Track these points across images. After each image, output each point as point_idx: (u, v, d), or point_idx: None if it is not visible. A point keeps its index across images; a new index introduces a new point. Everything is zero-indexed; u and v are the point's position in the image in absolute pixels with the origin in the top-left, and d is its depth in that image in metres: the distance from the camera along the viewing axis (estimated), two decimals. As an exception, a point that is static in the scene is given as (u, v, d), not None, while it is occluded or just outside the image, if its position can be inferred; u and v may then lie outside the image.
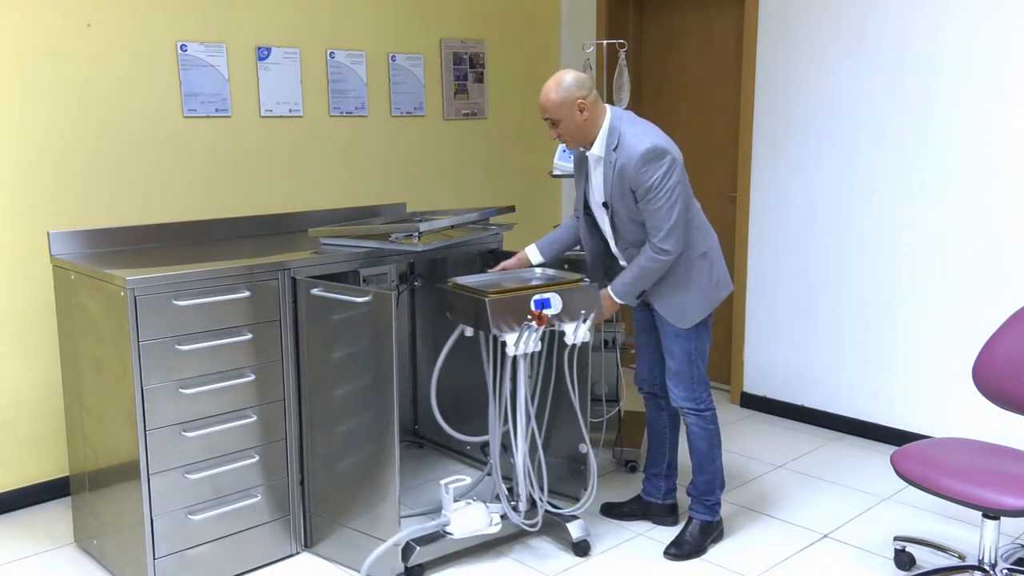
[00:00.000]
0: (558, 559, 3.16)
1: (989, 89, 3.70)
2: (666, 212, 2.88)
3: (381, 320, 2.84)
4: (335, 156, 4.42)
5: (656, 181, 2.85)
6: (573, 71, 2.92)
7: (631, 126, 2.93)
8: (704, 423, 3.16)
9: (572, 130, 2.93)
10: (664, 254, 2.92)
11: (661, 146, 2.86)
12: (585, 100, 2.88)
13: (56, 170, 3.58)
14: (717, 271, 3.10)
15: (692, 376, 3.13)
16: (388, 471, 2.90)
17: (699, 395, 3.15)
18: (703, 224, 3.10)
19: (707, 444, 3.17)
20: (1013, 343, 2.82)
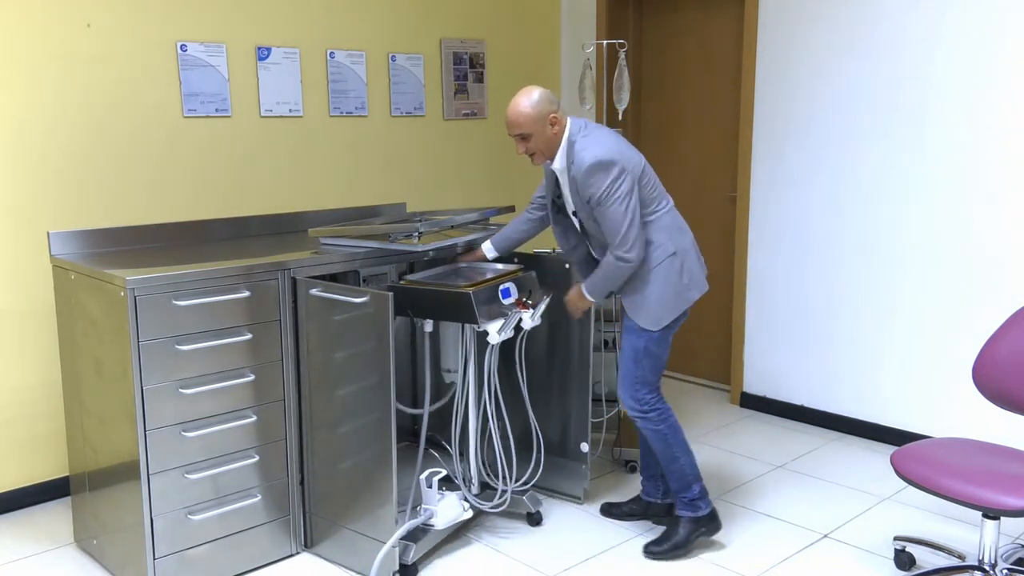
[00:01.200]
0: (561, 559, 3.16)
1: (985, 89, 3.70)
2: (619, 220, 2.88)
3: (379, 320, 2.84)
4: (335, 156, 4.42)
5: (604, 191, 2.87)
6: (538, 87, 2.95)
7: (584, 137, 2.94)
8: (651, 424, 3.10)
9: (542, 144, 2.96)
10: (624, 260, 2.92)
11: (606, 158, 2.86)
12: (556, 114, 2.93)
13: (56, 170, 3.58)
14: (688, 272, 3.08)
15: (635, 376, 3.08)
16: (386, 472, 2.91)
17: (641, 396, 3.09)
18: (672, 225, 3.06)
19: (662, 444, 3.12)
20: (1013, 343, 2.82)
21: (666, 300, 3.04)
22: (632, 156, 2.96)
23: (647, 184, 3.00)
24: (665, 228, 3.03)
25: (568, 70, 5.40)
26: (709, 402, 4.86)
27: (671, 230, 3.04)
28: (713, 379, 5.14)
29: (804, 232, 4.37)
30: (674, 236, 3.05)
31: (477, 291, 2.99)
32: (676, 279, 3.04)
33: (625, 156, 2.91)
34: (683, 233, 3.09)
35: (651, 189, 3.01)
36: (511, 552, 3.22)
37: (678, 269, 3.04)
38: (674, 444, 3.12)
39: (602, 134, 2.97)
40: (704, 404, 4.83)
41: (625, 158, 2.90)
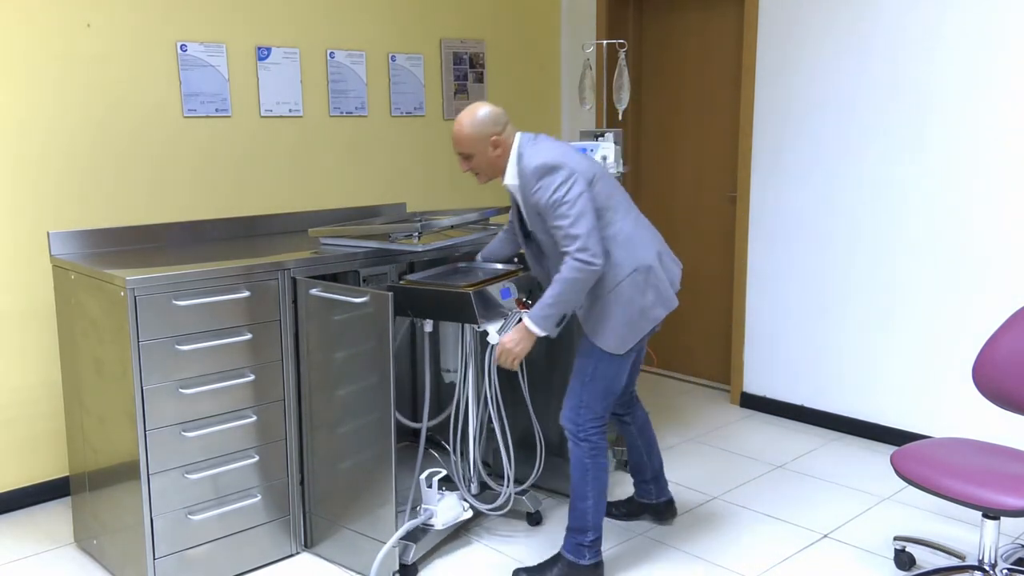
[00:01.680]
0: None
1: (985, 89, 3.70)
2: (574, 221, 2.65)
3: (379, 320, 2.84)
4: (335, 156, 4.43)
5: (552, 194, 2.67)
6: (487, 104, 2.84)
7: (531, 148, 2.78)
8: (579, 452, 2.89)
9: (484, 164, 2.85)
10: (585, 263, 2.65)
11: (550, 161, 2.70)
12: (499, 136, 2.81)
13: (56, 170, 3.58)
14: (653, 288, 2.83)
15: (580, 398, 2.87)
16: (386, 472, 2.90)
17: (580, 420, 2.88)
18: (632, 238, 2.82)
19: (580, 475, 2.89)
20: (1013, 343, 2.82)
21: (631, 321, 2.81)
22: (582, 162, 2.77)
23: (603, 192, 2.79)
24: (623, 243, 2.79)
25: (568, 70, 5.40)
26: (709, 402, 4.86)
27: (630, 244, 2.80)
28: (713, 379, 5.14)
29: (804, 232, 4.37)
30: (634, 251, 2.80)
31: (477, 291, 2.98)
32: (640, 298, 2.80)
33: (573, 161, 2.74)
34: (645, 245, 2.84)
35: (607, 198, 2.79)
36: (511, 552, 3.22)
37: (641, 287, 2.80)
38: (591, 484, 2.89)
39: (551, 143, 2.81)
40: (704, 404, 4.83)
41: (573, 162, 2.73)
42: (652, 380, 5.28)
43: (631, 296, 2.79)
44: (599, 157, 3.74)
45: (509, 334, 2.79)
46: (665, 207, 5.21)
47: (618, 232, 2.79)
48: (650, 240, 2.87)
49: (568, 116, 5.43)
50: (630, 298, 2.79)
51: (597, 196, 2.77)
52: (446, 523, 3.11)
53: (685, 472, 3.91)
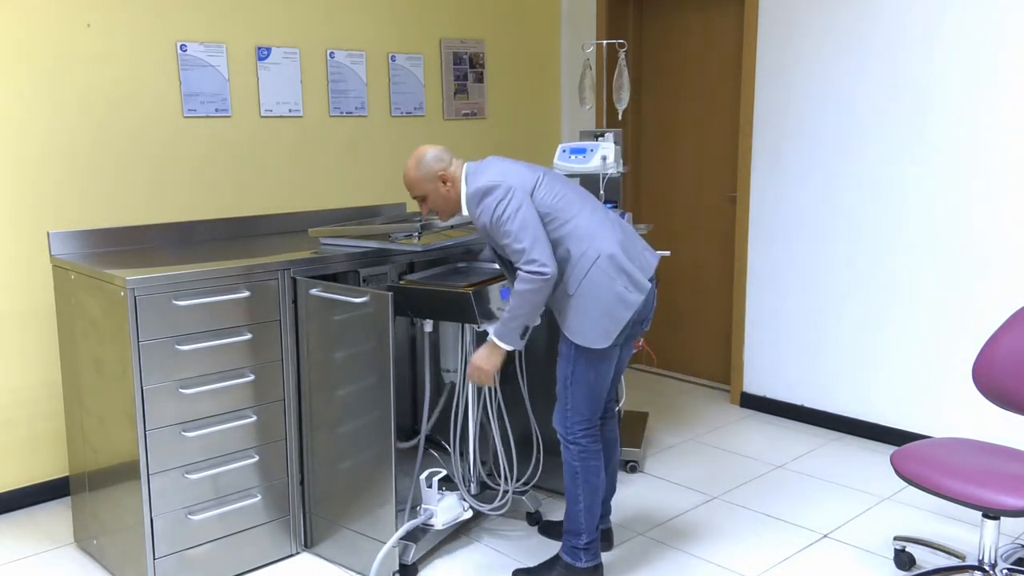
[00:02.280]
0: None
1: (985, 89, 3.70)
2: (517, 235, 2.66)
3: (378, 320, 2.84)
4: (335, 156, 4.43)
5: (492, 214, 2.69)
6: (429, 146, 2.88)
7: (473, 176, 2.80)
8: (569, 455, 2.88)
9: (440, 202, 2.87)
10: (535, 274, 2.63)
11: (484, 184, 2.72)
12: (446, 171, 2.83)
13: (56, 170, 3.58)
14: (624, 273, 2.75)
15: (565, 402, 2.86)
16: (386, 472, 2.90)
17: (568, 424, 2.86)
18: (587, 230, 2.76)
19: (570, 478, 2.90)
20: (1013, 343, 2.82)
21: (608, 310, 2.74)
22: (522, 173, 2.76)
23: (549, 194, 2.75)
24: (582, 236, 2.74)
25: (568, 70, 5.40)
26: (709, 402, 4.86)
27: (588, 237, 2.75)
28: (713, 379, 5.14)
29: (804, 232, 4.37)
30: (592, 242, 2.74)
31: (476, 291, 2.98)
32: (611, 283, 2.73)
33: (509, 176, 2.74)
34: (604, 236, 2.77)
35: (556, 199, 2.75)
36: (511, 552, 3.22)
37: (610, 273, 2.73)
38: (582, 486, 2.88)
39: (491, 165, 2.80)
40: (704, 404, 4.83)
41: (509, 177, 2.73)
42: (652, 380, 5.28)
43: (602, 283, 2.73)
44: (599, 157, 3.74)
45: (478, 352, 2.79)
46: (665, 207, 5.21)
47: (575, 228, 2.75)
48: (610, 231, 2.79)
49: (568, 116, 5.43)
50: (602, 285, 2.73)
51: (542, 201, 2.74)
52: (446, 523, 3.11)
53: (685, 472, 3.91)
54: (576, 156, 3.79)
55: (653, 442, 4.28)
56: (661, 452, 4.15)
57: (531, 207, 2.70)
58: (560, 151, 3.84)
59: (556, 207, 2.76)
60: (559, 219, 2.75)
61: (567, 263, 2.75)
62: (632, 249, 2.83)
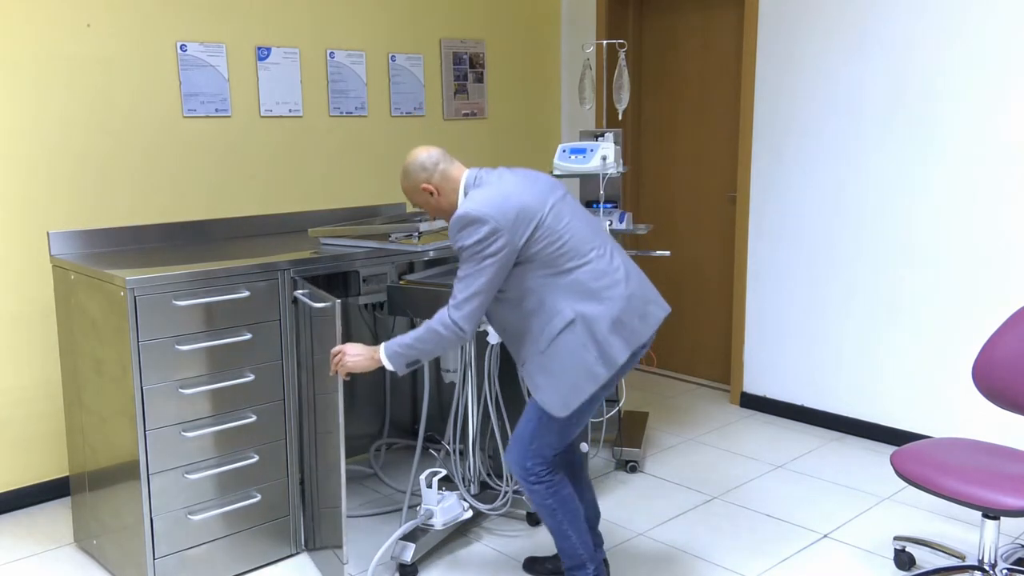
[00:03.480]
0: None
1: (992, 90, 3.69)
2: (467, 281, 2.49)
3: (326, 329, 2.82)
4: (335, 156, 4.43)
5: (464, 250, 2.49)
6: (418, 150, 2.67)
7: (474, 189, 2.60)
8: (538, 498, 2.70)
9: (434, 211, 2.71)
10: (454, 324, 2.50)
11: (474, 213, 2.46)
12: (430, 182, 2.63)
13: (56, 170, 3.58)
14: (597, 343, 2.54)
15: (528, 447, 2.66)
16: (336, 481, 2.84)
17: (529, 467, 2.67)
18: (586, 284, 2.56)
19: (551, 519, 2.72)
20: (1013, 343, 2.82)
21: (573, 380, 2.55)
22: (525, 202, 2.52)
23: (557, 229, 2.54)
24: (571, 290, 2.54)
25: (568, 70, 5.40)
26: (709, 402, 4.86)
27: (578, 292, 2.54)
28: (713, 379, 5.14)
29: (804, 232, 4.37)
30: (580, 299, 2.54)
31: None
32: (581, 351, 2.53)
33: (508, 204, 2.49)
34: (597, 297, 2.55)
35: (560, 243, 2.53)
36: (511, 552, 3.22)
37: (581, 340, 2.53)
38: (564, 520, 2.71)
39: (490, 187, 2.56)
40: (704, 404, 4.83)
41: (506, 209, 2.48)
42: (652, 380, 5.28)
43: (571, 350, 2.53)
44: (599, 157, 3.74)
45: (357, 347, 2.65)
46: (665, 207, 5.21)
47: (573, 280, 2.55)
48: (611, 289, 2.57)
49: (568, 116, 5.43)
50: (570, 353, 2.54)
51: (547, 237, 2.53)
52: (445, 523, 3.11)
53: (685, 472, 3.91)
54: (576, 156, 3.79)
55: (653, 442, 4.28)
56: (661, 452, 4.15)
57: (503, 263, 2.49)
58: (560, 151, 3.84)
59: (560, 253, 2.55)
60: (559, 264, 2.55)
61: (544, 316, 2.55)
62: (628, 311, 2.59)
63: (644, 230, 3.94)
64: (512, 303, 2.60)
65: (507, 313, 2.63)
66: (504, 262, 2.50)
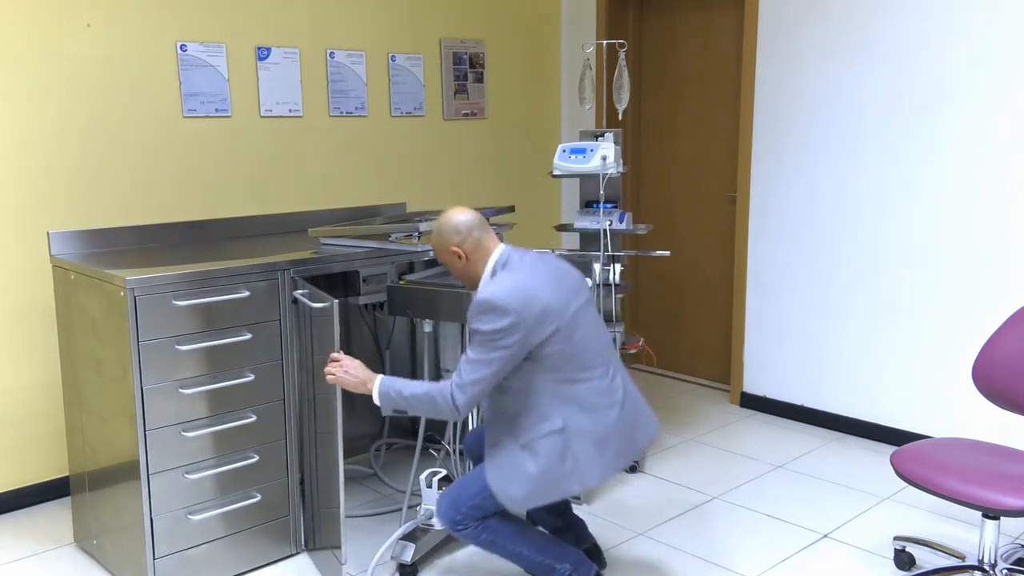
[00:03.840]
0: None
1: (993, 91, 3.69)
2: (477, 365, 2.47)
3: (326, 329, 2.82)
4: (335, 156, 4.43)
5: (482, 332, 2.46)
6: (455, 210, 2.66)
7: (503, 271, 2.59)
8: (472, 539, 2.64)
9: (458, 274, 2.69)
10: (451, 404, 2.49)
11: (500, 303, 2.44)
12: (461, 247, 2.61)
13: (56, 170, 3.58)
14: (574, 458, 2.54)
15: (466, 502, 2.62)
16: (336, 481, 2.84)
17: (457, 518, 2.62)
18: (585, 400, 2.57)
19: (499, 550, 2.67)
20: (1013, 343, 2.82)
21: (540, 484, 2.54)
22: (548, 301, 2.50)
23: (566, 344, 2.53)
24: (568, 400, 2.55)
25: (568, 70, 5.40)
26: (709, 402, 4.86)
27: (575, 404, 2.56)
28: (713, 379, 5.14)
29: (804, 232, 4.37)
30: (574, 411, 2.55)
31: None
32: (557, 461, 2.53)
33: (535, 299, 2.48)
34: (592, 414, 2.56)
35: (571, 352, 2.54)
36: (511, 552, 3.21)
37: (560, 450, 2.53)
38: (509, 543, 2.65)
39: (519, 274, 2.54)
40: (704, 404, 4.83)
41: (527, 309, 2.46)
42: (652, 380, 5.28)
43: (550, 456, 2.54)
44: (599, 157, 3.74)
45: (357, 366, 2.63)
46: (665, 207, 5.21)
47: (577, 393, 2.56)
48: (603, 413, 2.58)
49: (568, 116, 5.43)
50: (548, 457, 2.54)
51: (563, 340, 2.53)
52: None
53: (685, 472, 3.91)
54: (576, 156, 3.79)
55: (653, 442, 4.28)
56: (661, 452, 4.15)
57: (513, 357, 2.48)
58: (560, 151, 3.84)
59: (573, 357, 2.55)
60: (564, 371, 2.55)
61: (535, 415, 2.56)
62: (615, 436, 2.60)
63: (644, 230, 3.94)
64: (509, 393, 2.60)
65: (500, 399, 2.63)
66: (515, 356, 2.49)
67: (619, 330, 3.96)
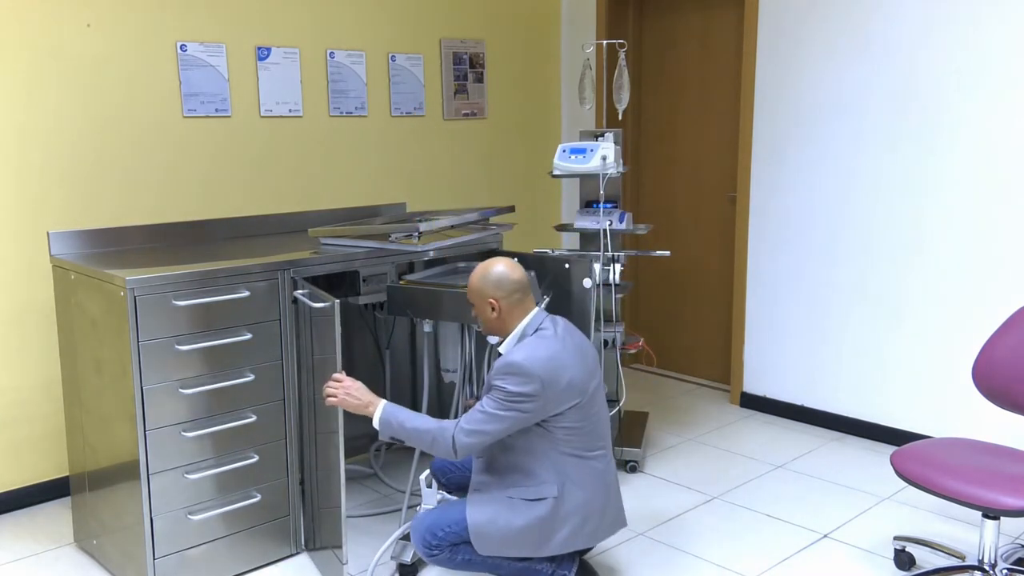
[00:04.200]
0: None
1: (994, 91, 3.69)
2: (487, 418, 2.52)
3: (326, 329, 2.82)
4: (335, 156, 4.43)
5: (503, 390, 2.52)
6: (506, 264, 2.68)
7: (534, 337, 2.63)
8: (447, 562, 2.67)
9: (484, 320, 2.73)
10: (450, 445, 2.54)
11: (531, 370, 2.51)
12: (498, 301, 2.65)
13: (56, 170, 3.58)
14: (560, 526, 2.61)
15: (442, 527, 2.65)
16: (336, 481, 2.83)
17: (432, 543, 2.65)
18: (578, 476, 2.63)
19: (479, 566, 2.69)
20: (1013, 343, 2.82)
21: (514, 542, 2.61)
22: (572, 379, 2.58)
23: (580, 421, 2.62)
24: (569, 473, 2.62)
25: (568, 70, 5.40)
26: (709, 402, 4.86)
27: (576, 480, 2.63)
28: (713, 379, 5.14)
29: (804, 232, 4.37)
30: (572, 486, 2.62)
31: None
32: (539, 525, 2.60)
33: (556, 379, 2.54)
34: (585, 492, 2.64)
35: (581, 430, 2.62)
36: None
37: (548, 516, 2.60)
38: (488, 556, 2.68)
39: (550, 343, 2.60)
40: (704, 404, 4.83)
41: (553, 381, 2.54)
42: (652, 380, 5.28)
43: (541, 521, 2.61)
44: (599, 157, 3.74)
45: (360, 389, 2.66)
46: (665, 207, 5.21)
47: (577, 469, 2.64)
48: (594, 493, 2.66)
49: (568, 116, 5.43)
50: (532, 519, 2.60)
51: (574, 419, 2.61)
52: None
53: (685, 472, 3.91)
54: (576, 156, 3.79)
55: (653, 442, 4.28)
56: (661, 452, 4.15)
57: (524, 421, 2.55)
58: (560, 151, 3.84)
59: (581, 434, 2.63)
60: (571, 446, 2.62)
61: (532, 478, 2.63)
62: (595, 519, 2.68)
63: (644, 230, 3.94)
64: (512, 451, 2.66)
65: (502, 455, 2.69)
66: (528, 420, 2.56)
67: (619, 330, 3.96)
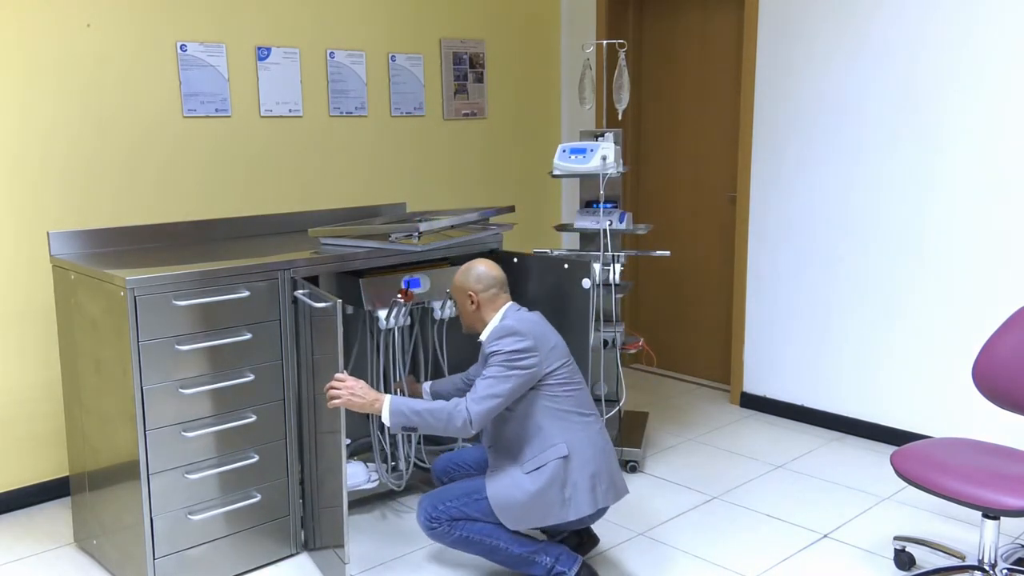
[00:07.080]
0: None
1: (996, 93, 3.69)
2: (494, 381, 2.68)
3: (327, 329, 2.83)
4: (335, 156, 4.43)
5: (502, 352, 2.70)
6: (486, 264, 2.91)
7: (514, 314, 2.85)
8: (446, 537, 2.78)
9: (463, 313, 2.94)
10: (465, 416, 2.65)
11: (521, 329, 2.73)
12: (476, 294, 2.87)
13: (56, 170, 3.58)
14: (573, 486, 2.72)
15: (458, 510, 2.77)
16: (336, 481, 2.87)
17: (433, 515, 2.77)
18: (578, 435, 2.76)
19: (476, 547, 2.78)
20: (1013, 343, 2.82)
21: (536, 506, 2.71)
22: (559, 344, 2.81)
23: (569, 382, 2.79)
24: (572, 430, 2.76)
25: (568, 70, 5.40)
26: (709, 402, 4.86)
27: (580, 435, 2.76)
28: (713, 379, 5.14)
29: (804, 232, 4.37)
30: (578, 442, 2.75)
31: (368, 279, 3.19)
32: (557, 489, 2.71)
33: (544, 339, 2.76)
34: (592, 448, 2.76)
35: (573, 390, 2.80)
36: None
37: (561, 477, 2.71)
38: (485, 537, 2.76)
39: (534, 318, 2.84)
40: (704, 404, 4.83)
41: (543, 340, 2.76)
42: (652, 380, 5.28)
43: (550, 481, 2.71)
44: (599, 157, 3.74)
45: (364, 387, 2.70)
46: (665, 207, 5.21)
47: (578, 426, 2.78)
48: (594, 450, 2.77)
49: (568, 116, 5.43)
50: (548, 483, 2.71)
51: (562, 383, 2.78)
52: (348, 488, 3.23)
53: (685, 472, 3.91)
54: (576, 156, 3.79)
55: (653, 442, 4.28)
56: (661, 452, 4.15)
57: (527, 380, 2.72)
58: (560, 151, 3.84)
59: (574, 394, 2.80)
60: (567, 406, 2.78)
61: (539, 443, 2.74)
62: (604, 475, 2.78)
63: (644, 230, 3.94)
64: (515, 422, 2.78)
65: (502, 428, 2.82)
66: (528, 379, 2.72)
67: (619, 330, 3.96)
